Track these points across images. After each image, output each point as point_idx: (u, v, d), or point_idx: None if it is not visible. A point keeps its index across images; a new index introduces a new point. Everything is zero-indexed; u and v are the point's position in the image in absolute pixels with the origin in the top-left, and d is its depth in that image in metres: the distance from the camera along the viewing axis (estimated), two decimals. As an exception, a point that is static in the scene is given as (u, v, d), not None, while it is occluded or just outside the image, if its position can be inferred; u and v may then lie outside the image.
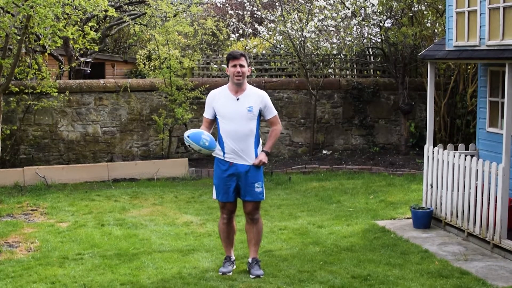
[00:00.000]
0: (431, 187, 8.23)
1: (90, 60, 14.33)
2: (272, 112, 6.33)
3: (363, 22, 12.78)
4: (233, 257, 6.44)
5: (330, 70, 13.79)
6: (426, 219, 8.04)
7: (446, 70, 13.24)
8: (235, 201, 6.36)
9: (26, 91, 11.52)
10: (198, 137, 6.02)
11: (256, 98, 6.22)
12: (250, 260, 6.33)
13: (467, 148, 8.53)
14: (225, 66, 6.31)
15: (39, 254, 6.97)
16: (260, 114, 6.28)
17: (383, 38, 13.03)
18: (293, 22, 12.99)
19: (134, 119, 12.71)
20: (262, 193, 6.29)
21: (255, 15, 14.52)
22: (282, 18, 13.19)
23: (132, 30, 14.42)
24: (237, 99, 6.17)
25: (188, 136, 6.03)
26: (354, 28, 13.04)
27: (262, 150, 6.31)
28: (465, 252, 7.01)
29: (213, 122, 6.35)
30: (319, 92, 13.27)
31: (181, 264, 6.60)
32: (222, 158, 6.21)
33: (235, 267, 6.40)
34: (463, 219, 7.55)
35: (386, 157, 12.95)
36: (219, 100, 6.23)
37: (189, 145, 6.07)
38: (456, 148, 8.38)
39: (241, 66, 6.15)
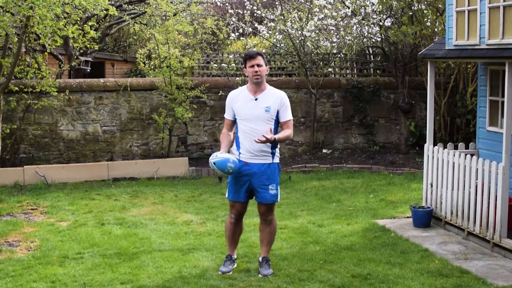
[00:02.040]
0: (431, 186, 8.23)
1: (90, 59, 14.33)
2: (287, 116, 6.14)
3: (363, 21, 12.78)
4: (234, 256, 6.43)
5: (330, 69, 13.79)
6: (426, 218, 8.04)
7: (446, 69, 13.24)
8: (246, 202, 6.27)
9: (26, 90, 11.52)
10: (224, 165, 5.90)
11: (275, 98, 6.10)
12: (260, 259, 6.33)
13: (467, 147, 8.53)
14: (242, 66, 6.20)
15: (39, 253, 6.98)
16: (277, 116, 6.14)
17: (383, 37, 13.02)
18: (293, 21, 12.99)
19: (134, 118, 12.71)
20: (276, 196, 6.19)
21: (255, 14, 14.51)
22: (282, 17, 13.19)
23: (132, 29, 14.42)
24: (256, 99, 6.09)
25: (214, 163, 5.92)
26: (354, 27, 13.03)
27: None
28: (465, 251, 7.01)
29: (234, 123, 6.24)
30: (319, 91, 13.27)
31: (181, 263, 6.60)
32: (238, 157, 6.13)
33: (235, 265, 6.40)
34: (463, 218, 7.55)
35: (386, 156, 12.95)
36: (238, 101, 6.15)
37: (213, 169, 6.01)
38: (456, 147, 8.38)
39: (259, 65, 6.06)
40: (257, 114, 6.06)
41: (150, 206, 9.36)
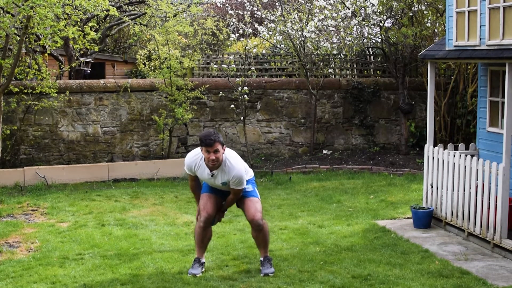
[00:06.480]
0: (431, 187, 8.23)
1: (90, 60, 14.33)
2: (238, 187, 6.21)
3: (363, 22, 12.78)
4: (202, 259, 6.41)
5: (330, 70, 13.79)
6: (426, 219, 8.04)
7: (446, 70, 13.24)
8: (216, 203, 6.39)
9: (26, 91, 11.52)
10: None
11: (229, 177, 6.14)
12: (262, 258, 6.38)
13: (467, 148, 8.53)
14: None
15: (40, 254, 6.98)
16: None
17: (383, 38, 13.03)
18: (293, 22, 12.99)
19: (134, 119, 12.71)
20: (254, 191, 6.41)
21: (255, 15, 14.52)
22: (282, 18, 13.19)
23: (132, 30, 14.43)
24: (212, 175, 6.20)
25: None
26: (354, 28, 13.04)
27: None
28: (465, 251, 7.01)
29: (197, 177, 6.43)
30: (319, 92, 13.27)
31: (182, 264, 6.60)
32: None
33: (204, 269, 6.35)
34: (463, 218, 7.55)
35: (387, 157, 12.95)
36: (198, 169, 6.26)
37: None
38: (456, 148, 8.39)
39: (216, 151, 6.02)
40: (215, 184, 6.29)
41: (150, 207, 9.36)
